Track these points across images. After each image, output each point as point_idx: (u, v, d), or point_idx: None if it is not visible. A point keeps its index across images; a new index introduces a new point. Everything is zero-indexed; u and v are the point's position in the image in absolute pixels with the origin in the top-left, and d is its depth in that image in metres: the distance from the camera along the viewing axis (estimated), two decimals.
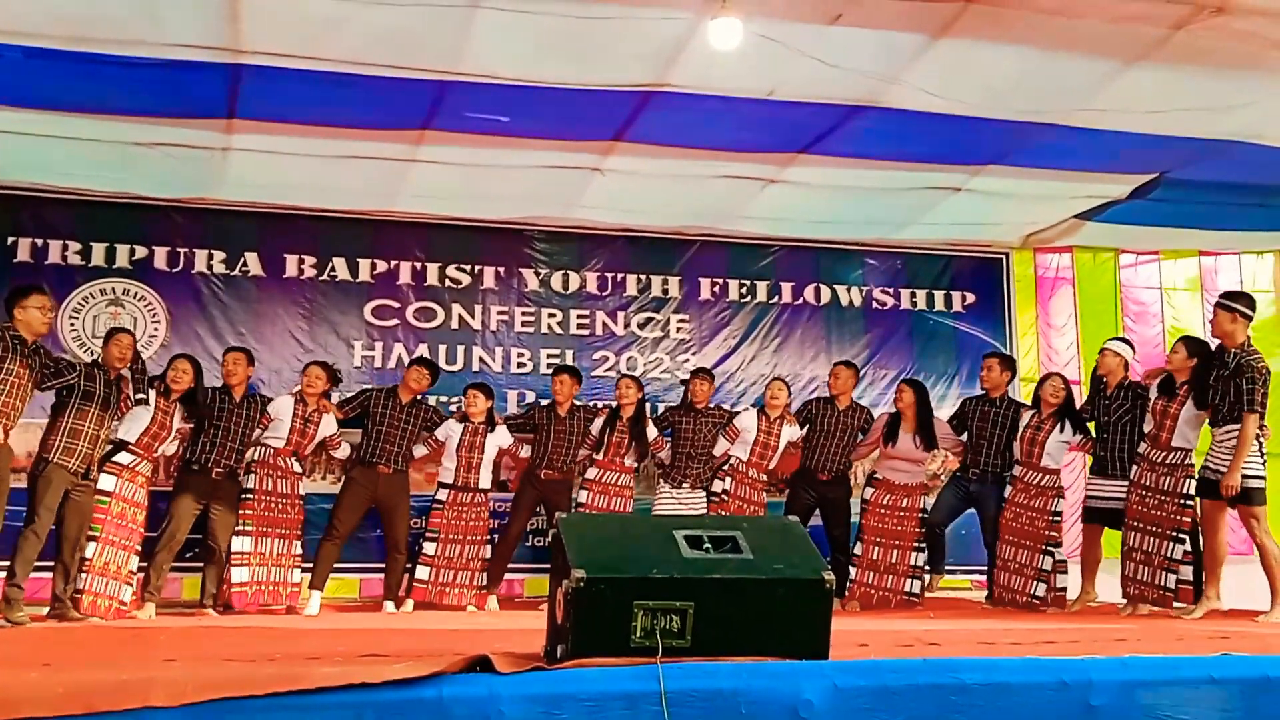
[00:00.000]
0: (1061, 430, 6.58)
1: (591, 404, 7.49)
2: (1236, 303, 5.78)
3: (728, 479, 6.99)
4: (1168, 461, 6.00)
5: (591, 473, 7.03)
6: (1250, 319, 5.78)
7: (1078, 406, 6.76)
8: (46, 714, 2.19)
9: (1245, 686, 2.78)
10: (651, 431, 7.09)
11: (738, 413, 7.31)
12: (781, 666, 2.61)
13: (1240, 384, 5.57)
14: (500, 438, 6.94)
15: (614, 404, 7.14)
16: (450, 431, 6.87)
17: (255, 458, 6.48)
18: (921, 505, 6.94)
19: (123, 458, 5.96)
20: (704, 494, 7.01)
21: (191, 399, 6.27)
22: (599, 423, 7.05)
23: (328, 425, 6.73)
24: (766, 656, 2.65)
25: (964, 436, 7.04)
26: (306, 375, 6.70)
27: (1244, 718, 2.74)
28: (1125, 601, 6.18)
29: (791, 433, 7.07)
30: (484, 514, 6.85)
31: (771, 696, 2.50)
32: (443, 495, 6.79)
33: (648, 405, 7.28)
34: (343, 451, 6.87)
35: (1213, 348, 5.95)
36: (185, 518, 6.21)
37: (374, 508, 6.76)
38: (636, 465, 7.13)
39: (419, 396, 6.93)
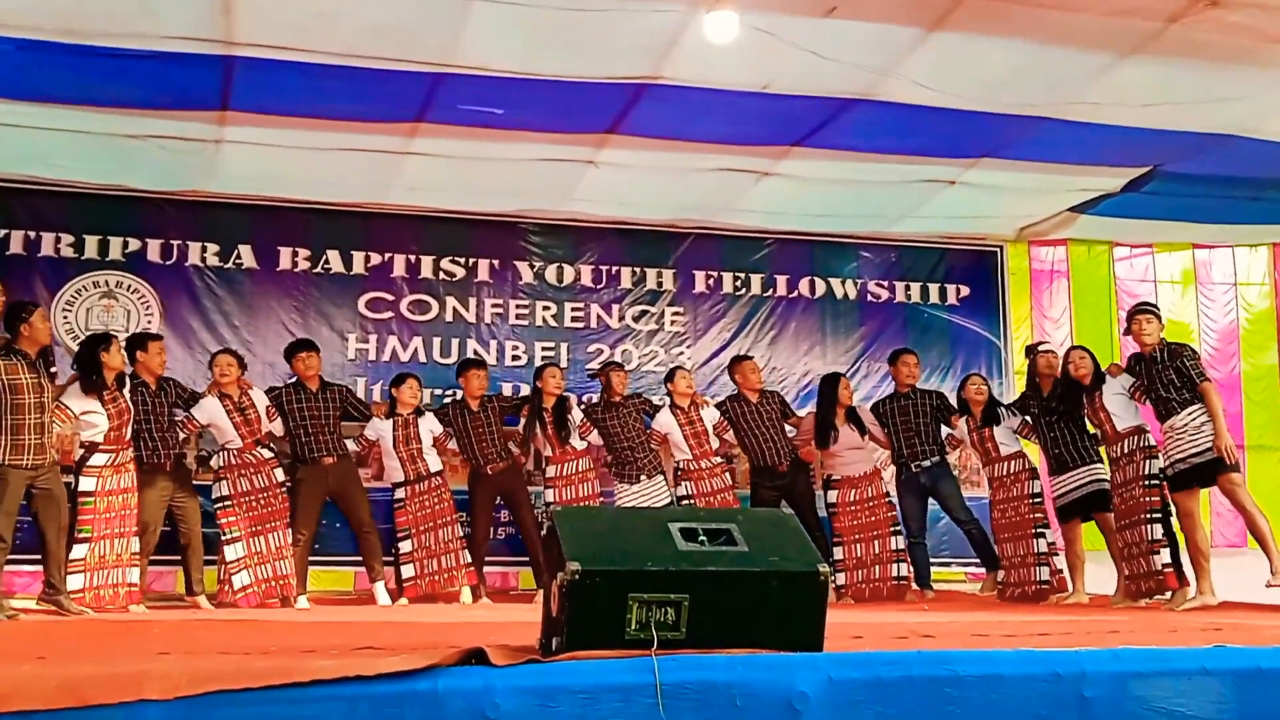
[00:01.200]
0: (998, 423, 6.71)
1: (498, 391, 7.41)
2: (1156, 307, 6.11)
3: (685, 482, 6.89)
4: (1126, 449, 6.06)
5: (550, 471, 6.89)
6: None
7: (1009, 402, 6.97)
8: (40, 707, 2.19)
9: (1238, 678, 2.78)
10: (576, 415, 6.96)
11: (659, 406, 7.17)
12: (776, 659, 2.61)
13: (1183, 365, 5.71)
14: (430, 423, 6.78)
15: (530, 395, 6.99)
16: (380, 430, 6.69)
17: (220, 464, 6.31)
18: (886, 491, 6.94)
19: (98, 459, 5.80)
20: (661, 479, 6.91)
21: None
22: (524, 423, 6.94)
23: (259, 398, 6.47)
24: (761, 649, 2.66)
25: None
26: (218, 366, 6.37)
27: (1236, 709, 2.75)
28: (1116, 593, 6.19)
29: (710, 415, 7.01)
30: (445, 494, 6.70)
31: (766, 689, 2.50)
32: (400, 494, 6.66)
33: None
34: (278, 426, 6.53)
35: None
36: (155, 515, 6.11)
37: (330, 501, 6.61)
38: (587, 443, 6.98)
39: (322, 378, 6.72)
